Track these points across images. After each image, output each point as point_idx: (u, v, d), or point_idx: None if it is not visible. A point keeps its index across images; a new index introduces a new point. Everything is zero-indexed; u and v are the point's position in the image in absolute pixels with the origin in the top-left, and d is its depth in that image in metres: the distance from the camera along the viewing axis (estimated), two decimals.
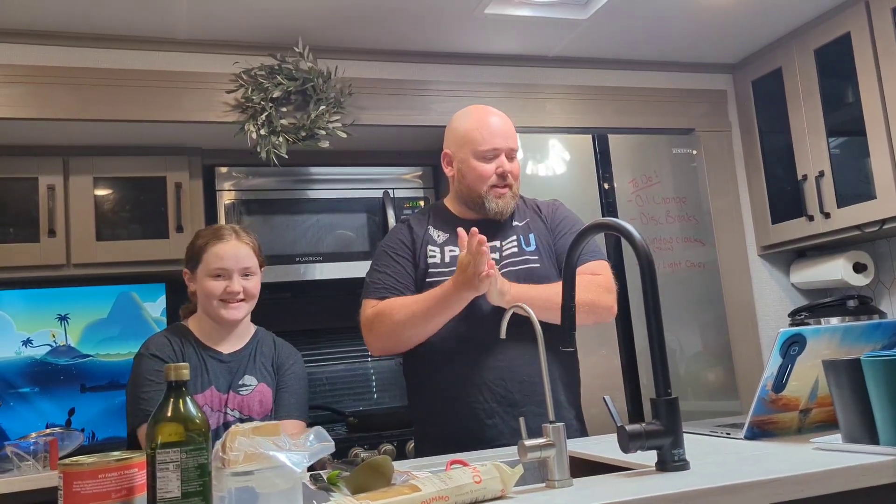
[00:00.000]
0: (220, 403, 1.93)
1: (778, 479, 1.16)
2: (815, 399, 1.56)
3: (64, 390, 2.76)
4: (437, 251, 1.99)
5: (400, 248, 2.01)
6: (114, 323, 2.85)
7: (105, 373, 2.82)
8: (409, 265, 1.98)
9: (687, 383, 3.03)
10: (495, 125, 2.01)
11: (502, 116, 2.05)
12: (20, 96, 2.59)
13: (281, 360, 2.07)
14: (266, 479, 1.08)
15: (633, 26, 3.05)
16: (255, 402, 1.97)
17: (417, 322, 1.87)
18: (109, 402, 2.79)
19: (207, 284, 1.96)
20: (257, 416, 1.96)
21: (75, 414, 2.75)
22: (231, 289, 1.95)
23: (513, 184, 2.00)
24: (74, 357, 2.79)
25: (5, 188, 2.75)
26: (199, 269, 1.99)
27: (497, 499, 1.19)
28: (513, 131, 2.03)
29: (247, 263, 1.99)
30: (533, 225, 2.04)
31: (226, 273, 1.96)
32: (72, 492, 1.03)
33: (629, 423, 1.28)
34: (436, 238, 2.02)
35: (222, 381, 1.96)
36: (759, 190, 3.43)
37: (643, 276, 1.35)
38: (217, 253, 1.96)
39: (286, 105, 2.82)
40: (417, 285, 1.96)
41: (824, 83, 3.09)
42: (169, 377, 1.09)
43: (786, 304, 3.44)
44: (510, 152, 2.00)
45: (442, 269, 1.95)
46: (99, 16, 2.60)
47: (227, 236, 1.99)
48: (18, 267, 2.70)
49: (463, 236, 1.80)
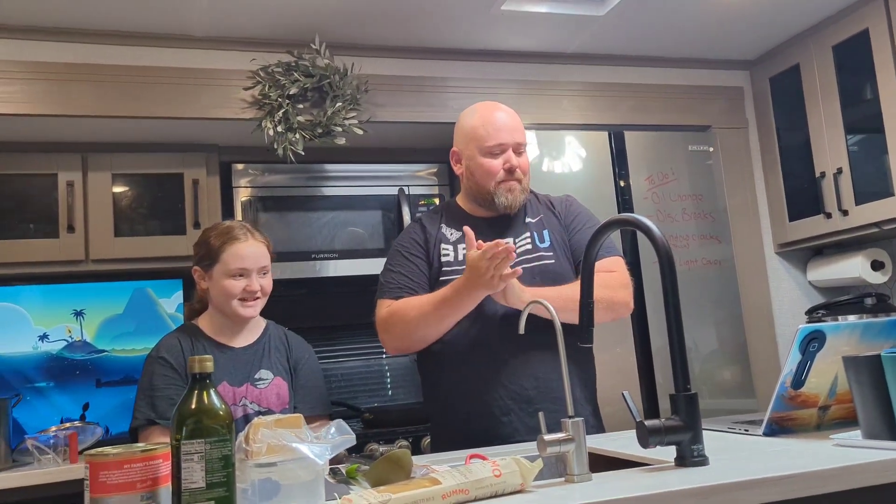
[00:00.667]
0: (233, 397, 1.95)
1: (798, 474, 1.16)
2: (834, 395, 1.56)
3: (79, 385, 2.79)
4: (450, 249, 2.00)
5: (413, 247, 2.02)
6: (129, 318, 2.88)
7: (120, 368, 2.84)
8: (422, 264, 1.99)
9: (702, 381, 3.02)
10: (500, 120, 2.01)
11: (508, 111, 2.05)
12: (40, 93, 2.61)
13: (296, 357, 2.10)
14: (289, 470, 1.09)
15: (650, 23, 3.04)
16: (272, 395, 2.00)
17: (430, 321, 1.87)
18: (124, 396, 2.81)
19: (227, 283, 1.98)
20: (276, 409, 1.98)
21: (90, 409, 2.78)
22: (251, 288, 1.99)
23: (522, 178, 1.99)
24: (90, 352, 2.81)
25: (25, 184, 2.77)
26: (217, 268, 2.00)
27: (516, 493, 1.19)
28: (519, 125, 2.03)
29: (264, 262, 2.03)
30: (547, 221, 2.03)
31: (246, 273, 1.99)
32: (98, 482, 1.05)
33: (647, 420, 1.28)
34: (448, 236, 2.02)
35: (235, 375, 1.98)
36: (776, 187, 3.41)
37: (663, 273, 1.35)
38: (237, 253, 1.98)
39: (303, 102, 2.83)
40: (431, 284, 1.96)
41: (842, 80, 3.07)
42: (193, 369, 1.10)
43: (803, 302, 3.43)
44: (517, 147, 2.00)
45: (455, 266, 1.95)
46: (118, 13, 2.62)
47: (243, 236, 2.01)
48: (38, 262, 2.72)
49: (469, 234, 1.81)
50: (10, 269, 2.70)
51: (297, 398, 2.05)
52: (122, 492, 1.04)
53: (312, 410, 2.03)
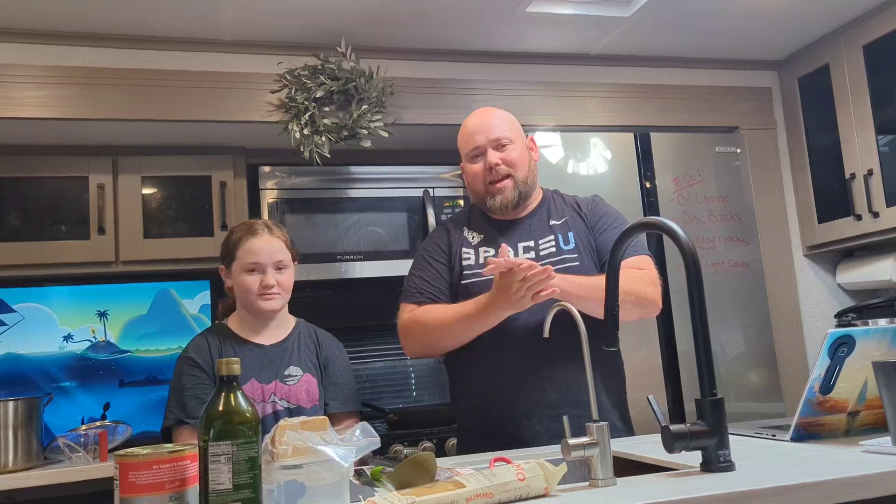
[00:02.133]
0: (261, 394, 1.97)
1: (826, 481, 1.14)
2: (863, 401, 1.53)
3: (102, 385, 2.83)
4: (471, 253, 2.00)
5: (436, 251, 2.03)
6: (153, 319, 2.92)
7: (143, 368, 2.88)
8: (444, 269, 2.00)
9: (729, 384, 2.99)
10: (472, 125, 2.04)
11: (483, 113, 2.06)
12: (71, 97, 2.66)
13: (326, 354, 2.11)
14: (314, 472, 1.10)
15: (677, 23, 3.02)
16: (301, 391, 2.01)
17: (452, 333, 1.89)
18: (147, 396, 2.86)
19: (243, 279, 2.01)
20: (306, 406, 2.00)
21: (112, 408, 2.82)
22: (266, 282, 2.00)
23: (510, 171, 1.97)
24: (113, 353, 2.86)
25: (57, 187, 2.82)
26: (234, 264, 2.03)
27: (540, 497, 1.19)
28: (496, 122, 2.02)
29: (279, 257, 2.03)
30: (572, 223, 2.02)
31: (259, 267, 2.00)
32: (127, 482, 1.06)
33: (672, 424, 1.28)
34: (470, 240, 2.03)
35: (264, 372, 2.00)
36: (804, 189, 3.37)
37: (688, 276, 1.34)
38: (250, 248, 2.01)
39: (329, 105, 2.85)
40: (453, 288, 1.97)
41: (873, 80, 3.03)
42: (220, 371, 1.12)
43: (832, 305, 3.38)
44: (495, 144, 1.99)
45: (476, 270, 1.95)
46: (147, 18, 2.65)
47: (260, 231, 2.04)
48: (70, 263, 2.77)
49: (495, 261, 1.73)
50: (41, 271, 2.75)
51: (328, 395, 2.06)
52: (151, 492, 1.06)
53: (344, 406, 2.06)
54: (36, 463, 2.41)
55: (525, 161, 2.01)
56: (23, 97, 2.60)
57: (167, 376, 2.83)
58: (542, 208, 2.05)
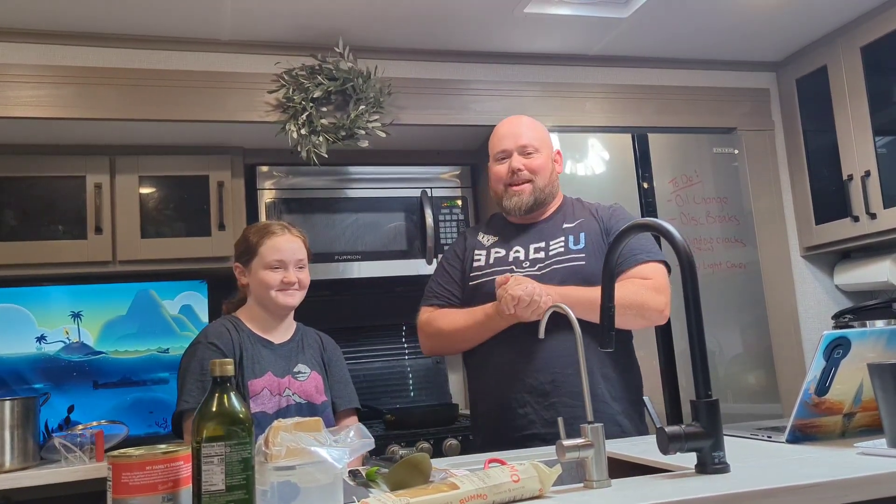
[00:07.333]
0: (279, 387, 2.02)
1: (821, 483, 1.14)
2: (859, 403, 1.53)
3: (75, 387, 2.78)
4: (482, 254, 2.10)
5: (452, 257, 2.17)
6: (132, 320, 2.89)
7: (117, 370, 2.85)
8: (457, 273, 2.13)
9: (727, 386, 2.99)
10: (503, 129, 2.13)
11: (515, 119, 2.15)
12: (69, 97, 2.66)
13: (329, 356, 2.19)
14: (308, 473, 1.10)
15: (675, 24, 3.02)
16: (311, 387, 2.07)
17: (465, 337, 2.03)
18: (121, 398, 2.83)
19: (265, 275, 2.05)
20: (317, 402, 2.06)
21: (85, 410, 2.76)
22: (288, 279, 2.06)
23: (531, 178, 2.06)
24: (87, 354, 2.82)
25: (54, 186, 2.81)
26: (255, 262, 2.08)
27: (535, 498, 1.19)
28: (527, 129, 2.10)
29: (300, 256, 2.10)
30: (586, 225, 2.07)
31: (283, 264, 2.06)
32: (120, 482, 1.06)
33: (668, 425, 1.28)
34: (484, 242, 2.12)
35: (278, 367, 2.05)
36: (802, 190, 3.37)
37: (684, 278, 1.34)
38: (275, 246, 2.07)
39: (326, 105, 2.85)
40: (464, 288, 2.09)
41: (871, 81, 3.03)
42: (214, 373, 1.12)
43: (829, 306, 3.38)
44: (522, 149, 2.07)
45: (485, 270, 2.05)
46: (145, 18, 2.65)
47: (280, 231, 2.11)
48: (67, 263, 2.76)
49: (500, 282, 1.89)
50: (39, 270, 2.74)
51: (334, 392, 2.14)
52: (144, 493, 1.06)
53: (350, 403, 2.17)
54: (32, 463, 2.40)
55: (548, 171, 2.09)
56: (20, 97, 2.60)
57: (142, 378, 2.85)
58: (559, 213, 2.12)
